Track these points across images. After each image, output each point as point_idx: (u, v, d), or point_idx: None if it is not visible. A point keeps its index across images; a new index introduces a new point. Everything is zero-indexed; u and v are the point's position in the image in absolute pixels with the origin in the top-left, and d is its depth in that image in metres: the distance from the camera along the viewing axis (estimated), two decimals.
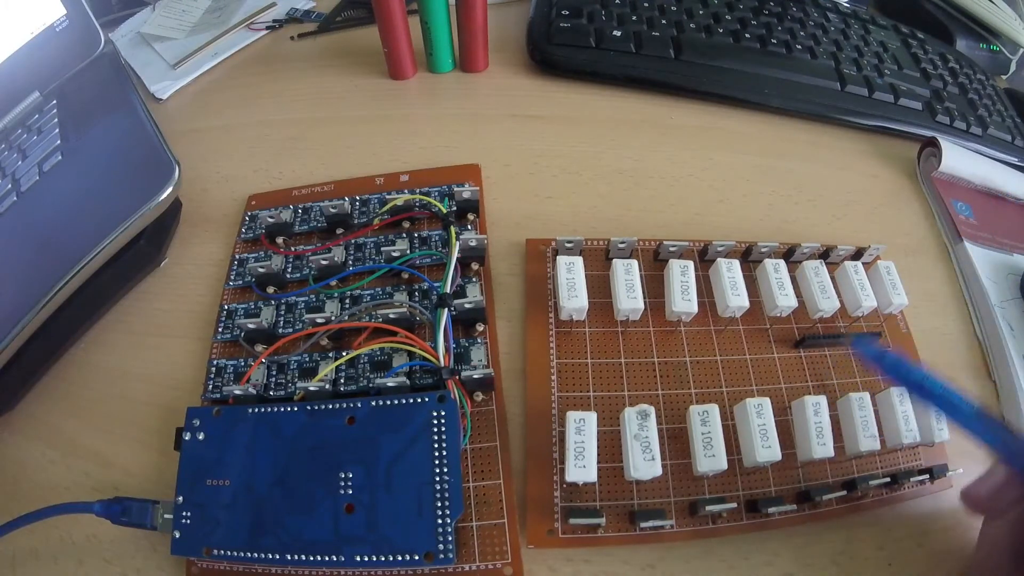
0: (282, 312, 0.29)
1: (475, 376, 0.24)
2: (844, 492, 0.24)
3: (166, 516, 0.23)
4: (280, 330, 0.28)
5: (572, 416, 0.23)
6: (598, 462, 0.23)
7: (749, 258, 0.30)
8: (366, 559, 0.21)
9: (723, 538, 0.24)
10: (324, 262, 0.28)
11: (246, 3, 0.48)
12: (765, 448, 0.23)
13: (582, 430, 0.23)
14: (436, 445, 0.22)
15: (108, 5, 0.50)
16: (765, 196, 0.35)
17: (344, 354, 0.27)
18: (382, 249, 0.29)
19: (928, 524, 0.25)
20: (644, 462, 0.22)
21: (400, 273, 0.29)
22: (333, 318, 0.27)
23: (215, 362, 0.28)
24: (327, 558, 0.21)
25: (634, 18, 0.41)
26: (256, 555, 0.21)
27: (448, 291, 0.27)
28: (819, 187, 0.36)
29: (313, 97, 0.40)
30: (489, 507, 0.23)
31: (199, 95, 0.42)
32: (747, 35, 0.41)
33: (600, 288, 0.28)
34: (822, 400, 0.25)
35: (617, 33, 0.39)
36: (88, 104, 0.35)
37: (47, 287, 0.26)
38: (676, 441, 0.25)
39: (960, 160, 0.36)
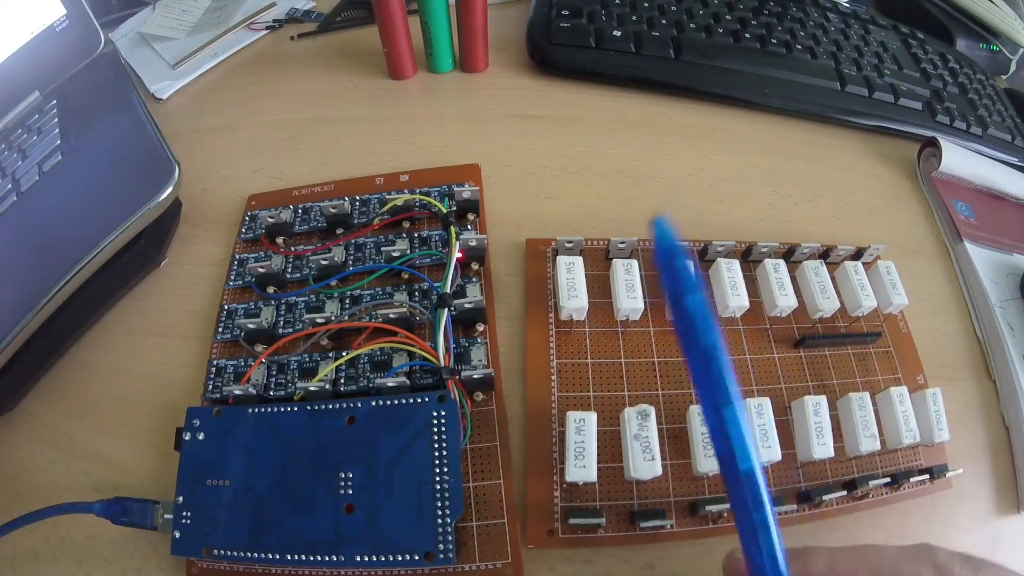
0: (282, 312, 0.29)
1: (475, 376, 0.24)
2: (844, 492, 0.24)
3: (166, 516, 0.23)
4: (280, 330, 0.28)
5: (572, 416, 0.23)
6: (598, 462, 0.23)
7: (749, 258, 0.30)
8: (366, 559, 0.21)
9: (723, 538, 0.24)
10: (324, 262, 0.28)
11: (246, 3, 0.48)
12: (765, 448, 0.23)
13: (582, 430, 0.23)
14: (436, 445, 0.22)
15: (108, 5, 0.50)
16: (765, 196, 0.35)
17: (344, 354, 0.27)
18: (382, 249, 0.29)
19: (928, 524, 0.25)
20: (644, 462, 0.22)
21: (400, 273, 0.29)
22: (333, 318, 0.27)
23: (215, 362, 0.28)
24: (327, 558, 0.21)
25: (634, 18, 0.41)
26: (256, 555, 0.21)
27: (448, 291, 0.27)
28: (819, 187, 0.36)
29: (313, 97, 0.40)
30: (489, 507, 0.23)
31: (199, 95, 0.42)
32: (747, 35, 0.41)
33: (600, 288, 0.28)
34: (822, 400, 0.25)
35: (617, 33, 0.39)
36: (88, 104, 0.35)
37: (47, 287, 0.26)
38: (676, 441, 0.25)
39: (960, 160, 0.36)
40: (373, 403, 0.23)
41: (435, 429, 0.23)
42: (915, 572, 0.17)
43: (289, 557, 0.21)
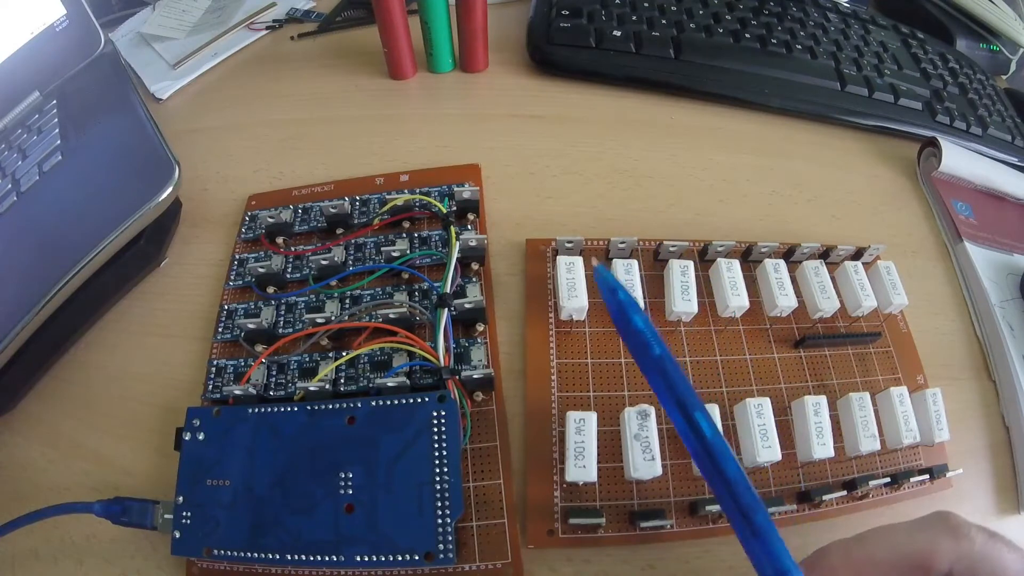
0: (282, 312, 0.29)
1: (475, 376, 0.24)
2: (844, 492, 0.24)
3: (166, 516, 0.23)
4: (280, 330, 0.28)
5: (572, 416, 0.23)
6: (598, 462, 0.23)
7: (749, 258, 0.30)
8: (366, 559, 0.21)
9: (723, 538, 0.24)
10: (324, 262, 0.28)
11: (246, 3, 0.48)
12: (765, 448, 0.23)
13: (582, 430, 0.23)
14: (436, 445, 0.22)
15: (108, 5, 0.50)
16: (765, 196, 0.35)
17: (344, 354, 0.27)
18: (382, 249, 0.29)
19: None
20: (644, 462, 0.22)
21: (400, 273, 0.29)
22: (333, 318, 0.27)
23: (215, 362, 0.28)
24: (327, 558, 0.21)
25: (634, 18, 0.41)
26: (256, 555, 0.21)
27: (448, 291, 0.27)
28: (819, 187, 0.36)
29: (313, 97, 0.40)
30: (489, 507, 0.23)
31: (199, 95, 0.42)
32: (747, 35, 0.41)
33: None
34: (822, 400, 0.25)
35: (617, 33, 0.39)
36: (88, 104, 0.35)
37: (47, 287, 0.26)
38: (676, 441, 0.25)
39: (960, 160, 0.36)
40: (373, 403, 0.23)
41: (435, 429, 0.23)
42: (931, 539, 0.18)
43: (289, 557, 0.21)
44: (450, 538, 0.21)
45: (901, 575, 0.18)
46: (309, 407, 0.24)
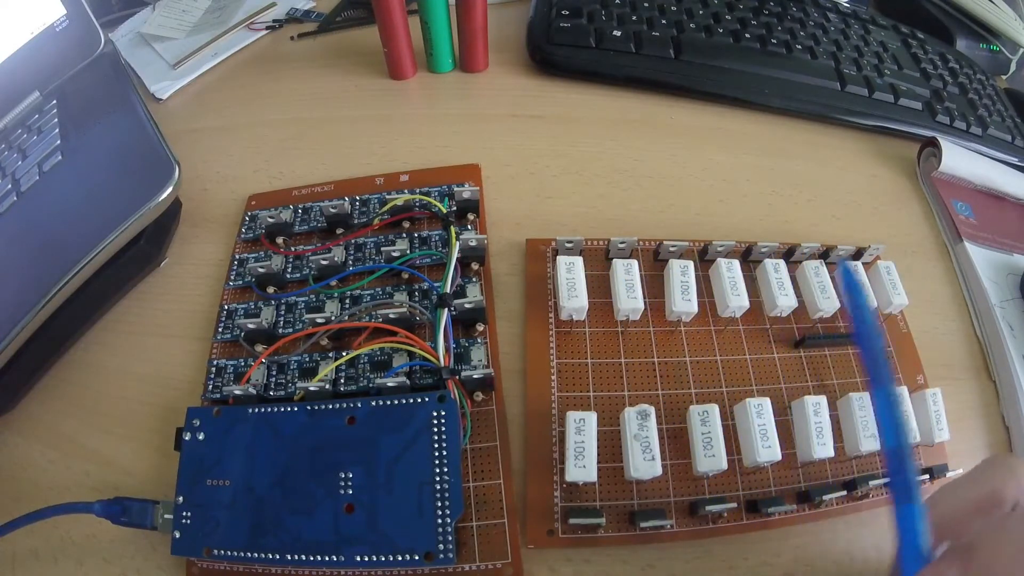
0: (282, 312, 0.29)
1: (475, 376, 0.24)
2: (844, 492, 0.24)
3: (166, 516, 0.23)
4: (280, 330, 0.28)
5: (572, 416, 0.23)
6: (598, 462, 0.23)
7: (749, 258, 0.30)
8: (366, 559, 0.21)
9: (723, 538, 0.24)
10: (324, 262, 0.28)
11: (246, 3, 0.48)
12: (765, 448, 0.23)
13: (582, 430, 0.23)
14: (436, 445, 0.22)
15: (108, 5, 0.50)
16: (765, 196, 0.35)
17: (344, 354, 0.27)
18: (382, 249, 0.29)
19: None
20: (644, 462, 0.22)
21: (400, 273, 0.29)
22: (333, 318, 0.27)
23: (215, 362, 0.28)
24: (327, 558, 0.21)
25: (634, 18, 0.41)
26: (256, 555, 0.21)
27: (448, 291, 0.27)
28: (819, 187, 0.36)
29: (313, 97, 0.40)
30: (489, 507, 0.23)
31: (199, 95, 0.42)
32: (747, 35, 0.41)
33: (600, 288, 0.28)
34: (822, 400, 0.25)
35: (617, 33, 0.39)
36: (88, 104, 0.35)
37: (47, 287, 0.26)
38: (676, 441, 0.25)
39: (960, 160, 0.36)
40: (373, 403, 0.23)
41: (435, 429, 0.23)
42: (995, 478, 0.18)
43: (289, 557, 0.21)
44: (450, 538, 0.21)
45: (976, 517, 0.18)
46: (309, 407, 0.24)
